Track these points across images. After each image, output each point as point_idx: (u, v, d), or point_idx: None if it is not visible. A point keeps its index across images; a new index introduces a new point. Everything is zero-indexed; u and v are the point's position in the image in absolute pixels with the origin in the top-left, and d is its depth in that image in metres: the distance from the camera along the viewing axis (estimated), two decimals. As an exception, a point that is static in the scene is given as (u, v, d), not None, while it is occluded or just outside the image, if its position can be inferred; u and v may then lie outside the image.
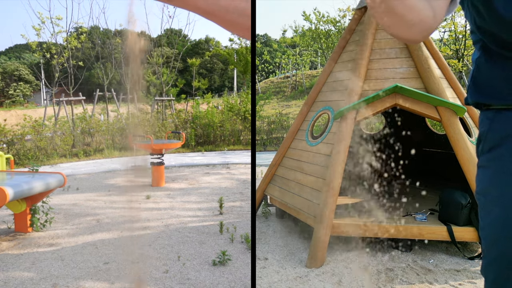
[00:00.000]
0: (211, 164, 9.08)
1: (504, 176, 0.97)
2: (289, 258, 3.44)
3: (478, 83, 1.03)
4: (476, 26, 1.00)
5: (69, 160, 9.70)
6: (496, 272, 0.99)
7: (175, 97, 15.69)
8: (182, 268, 3.30)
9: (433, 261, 3.30)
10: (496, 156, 0.99)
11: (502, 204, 0.96)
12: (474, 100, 1.06)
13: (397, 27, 0.83)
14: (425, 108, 3.46)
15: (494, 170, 0.99)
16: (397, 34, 0.86)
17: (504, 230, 0.96)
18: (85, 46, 13.98)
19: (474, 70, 1.04)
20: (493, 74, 0.99)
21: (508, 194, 0.95)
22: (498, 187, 0.98)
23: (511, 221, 0.95)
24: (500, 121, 0.99)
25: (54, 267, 3.35)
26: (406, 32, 0.85)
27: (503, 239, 0.96)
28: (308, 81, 25.53)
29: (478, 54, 1.03)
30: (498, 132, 0.99)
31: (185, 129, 12.18)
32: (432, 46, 3.81)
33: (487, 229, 1.01)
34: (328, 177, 3.42)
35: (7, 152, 9.26)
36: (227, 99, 14.36)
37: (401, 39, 0.89)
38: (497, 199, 0.98)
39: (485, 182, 1.01)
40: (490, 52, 0.99)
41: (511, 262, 0.95)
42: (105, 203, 5.59)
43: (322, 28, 19.09)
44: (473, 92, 1.05)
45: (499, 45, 0.96)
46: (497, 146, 0.99)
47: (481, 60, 1.01)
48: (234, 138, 12.43)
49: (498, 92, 0.99)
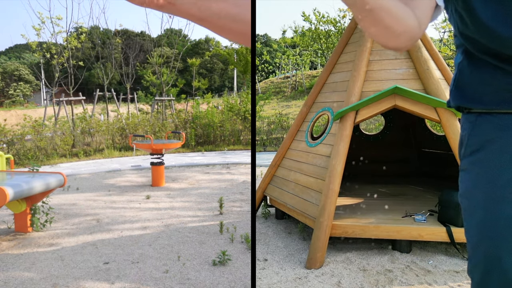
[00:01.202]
0: (211, 164, 9.09)
1: (486, 179, 0.99)
2: (289, 259, 3.44)
3: (460, 87, 1.05)
4: (459, 32, 1.02)
5: (69, 160, 9.70)
6: (481, 274, 1.01)
7: (175, 97, 15.69)
8: (182, 268, 3.31)
9: (433, 262, 3.31)
10: (478, 159, 1.01)
11: (485, 207, 0.98)
12: (456, 104, 1.08)
13: (384, 37, 0.85)
14: (425, 109, 3.47)
15: (477, 173, 1.01)
16: (385, 43, 0.88)
17: (487, 232, 0.98)
18: (85, 46, 13.99)
19: (457, 74, 1.06)
20: (475, 79, 1.01)
21: (490, 197, 0.98)
22: (481, 190, 1.00)
23: (494, 224, 0.97)
24: (482, 125, 1.01)
25: (54, 267, 3.36)
26: (393, 41, 0.87)
27: (487, 241, 0.98)
28: (308, 82, 25.54)
29: (461, 58, 1.05)
30: (479, 136, 1.01)
31: (185, 129, 12.19)
32: (431, 47, 3.82)
33: (472, 231, 1.03)
34: (327, 178, 3.43)
35: (7, 152, 9.27)
36: (227, 99, 14.37)
37: (388, 47, 0.91)
38: (480, 202, 1.00)
39: (469, 185, 1.04)
40: (472, 57, 1.01)
41: (495, 263, 0.97)
42: (105, 203, 5.60)
43: (322, 28, 19.10)
44: (455, 96, 1.07)
45: (480, 51, 0.98)
46: (479, 150, 1.01)
47: (464, 64, 1.03)
48: (234, 138, 12.44)
49: (479, 97, 1.00)
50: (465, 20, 0.97)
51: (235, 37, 0.74)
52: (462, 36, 1.01)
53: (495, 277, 0.98)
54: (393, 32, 0.83)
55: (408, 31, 0.85)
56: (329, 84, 4.22)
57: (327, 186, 3.38)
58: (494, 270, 0.98)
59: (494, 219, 0.97)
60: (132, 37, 25.34)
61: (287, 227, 4.27)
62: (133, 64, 16.46)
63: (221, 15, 0.68)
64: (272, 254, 3.54)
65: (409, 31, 0.85)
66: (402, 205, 3.99)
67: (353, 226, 3.39)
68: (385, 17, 0.78)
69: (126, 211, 5.14)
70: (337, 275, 3.09)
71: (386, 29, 0.81)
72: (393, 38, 0.85)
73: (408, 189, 4.86)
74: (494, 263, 0.97)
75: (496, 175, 0.97)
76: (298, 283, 2.99)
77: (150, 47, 17.10)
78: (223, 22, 0.69)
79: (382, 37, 0.85)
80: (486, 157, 0.99)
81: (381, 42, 0.88)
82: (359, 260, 3.35)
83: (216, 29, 0.71)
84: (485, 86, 0.99)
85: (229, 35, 0.73)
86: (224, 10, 0.68)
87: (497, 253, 0.97)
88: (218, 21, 0.69)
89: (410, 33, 0.86)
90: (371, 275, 3.09)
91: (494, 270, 0.98)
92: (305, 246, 3.69)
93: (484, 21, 0.92)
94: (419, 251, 3.51)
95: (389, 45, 0.89)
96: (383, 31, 0.82)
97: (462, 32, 1.00)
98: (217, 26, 0.70)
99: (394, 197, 4.40)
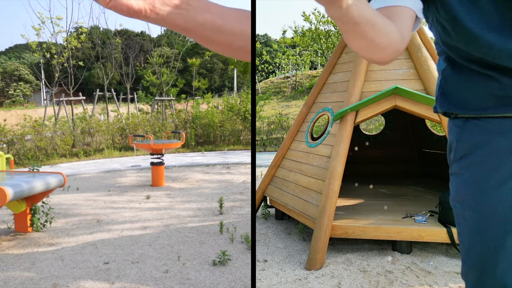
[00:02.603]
0: (211, 164, 9.09)
1: (476, 182, 1.01)
2: (289, 260, 3.44)
3: (445, 93, 1.07)
4: (441, 40, 1.04)
5: (69, 160, 9.70)
6: (475, 277, 1.03)
7: (175, 97, 15.68)
8: (182, 268, 3.31)
9: (433, 263, 3.31)
10: (467, 163, 1.03)
11: (477, 211, 1.01)
12: (443, 110, 1.10)
13: (368, 51, 0.86)
14: (425, 110, 3.46)
15: (467, 177, 1.03)
16: (369, 56, 0.89)
17: (480, 236, 1.00)
18: (85, 46, 13.98)
19: (441, 81, 1.08)
20: (459, 86, 1.03)
21: (482, 201, 0.99)
22: (472, 194, 1.02)
23: (486, 227, 0.98)
24: (469, 130, 1.03)
25: (54, 267, 3.36)
26: (377, 54, 0.88)
27: (480, 244, 1.00)
28: (308, 82, 25.54)
29: (444, 65, 1.07)
30: (467, 141, 1.03)
31: (185, 129, 12.19)
32: (431, 47, 3.81)
33: (464, 235, 1.05)
34: (327, 178, 3.43)
35: (7, 152, 9.27)
36: (227, 99, 14.36)
37: (372, 61, 0.92)
38: (472, 206, 1.02)
39: (460, 189, 1.05)
40: (456, 64, 1.03)
41: (488, 267, 0.99)
42: (105, 203, 5.59)
43: (322, 28, 19.10)
44: (442, 103, 1.09)
45: (463, 59, 1.00)
46: (467, 155, 1.03)
47: (448, 72, 1.05)
48: (234, 138, 12.44)
49: (465, 103, 1.03)
50: (447, 30, 0.99)
51: (220, 48, 0.76)
52: (445, 45, 1.03)
53: (489, 279, 0.99)
54: (378, 46, 0.83)
55: (391, 44, 0.86)
56: (329, 84, 4.22)
57: (327, 186, 3.38)
58: (488, 272, 0.99)
59: (486, 221, 0.99)
60: (132, 37, 25.35)
61: (287, 227, 4.27)
62: (133, 64, 16.46)
63: (206, 26, 0.69)
64: (272, 255, 3.54)
65: (392, 44, 0.86)
66: (402, 206, 3.98)
67: (353, 227, 3.39)
68: (370, 31, 0.78)
69: (126, 211, 5.14)
70: (337, 276, 3.09)
71: (370, 43, 0.82)
72: (377, 52, 0.86)
73: (408, 189, 4.85)
74: (487, 265, 0.99)
75: (485, 178, 0.99)
76: (298, 284, 2.98)
77: (150, 47, 17.09)
78: (208, 33, 0.71)
79: (367, 51, 0.86)
80: (475, 161, 1.02)
81: (365, 56, 0.89)
82: (359, 261, 3.35)
83: (202, 40, 0.73)
84: (470, 92, 1.01)
85: (215, 46, 0.75)
86: (209, 21, 0.69)
87: (490, 255, 0.98)
88: (203, 32, 0.70)
89: (394, 46, 0.87)
90: (371, 276, 3.09)
91: (488, 272, 0.99)
92: (305, 247, 3.69)
93: (470, 30, 0.94)
94: (419, 252, 3.51)
95: (373, 58, 0.89)
96: (367, 45, 0.83)
97: (444, 41, 1.02)
98: (202, 36, 0.71)
99: (394, 198, 4.40)
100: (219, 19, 0.70)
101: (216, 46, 0.75)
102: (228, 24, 0.71)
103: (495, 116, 0.99)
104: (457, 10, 0.94)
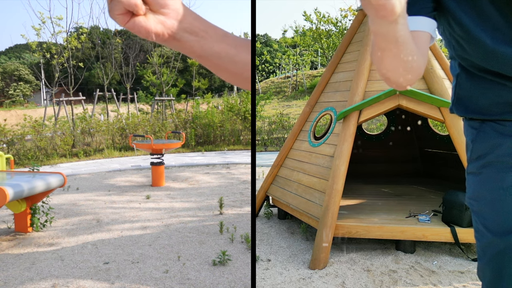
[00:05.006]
0: (211, 164, 9.06)
1: (493, 182, 1.03)
2: (292, 259, 3.41)
3: (460, 98, 1.09)
4: (455, 53, 1.06)
5: (69, 160, 9.67)
6: (491, 274, 1.04)
7: (175, 97, 15.64)
8: (182, 268, 3.28)
9: (437, 263, 3.28)
10: (484, 164, 1.05)
11: (494, 208, 1.02)
12: (459, 114, 1.13)
13: (397, 72, 0.85)
14: (428, 109, 3.43)
15: (484, 176, 1.06)
16: (395, 78, 0.87)
17: (497, 232, 1.01)
18: (85, 46, 13.94)
19: (456, 86, 1.10)
20: (475, 92, 1.05)
21: (499, 199, 1.01)
22: (489, 192, 1.04)
23: (503, 224, 1.01)
24: (485, 131, 1.05)
25: (54, 267, 3.33)
26: (404, 76, 0.86)
27: (497, 241, 1.02)
28: (308, 81, 25.50)
29: (458, 70, 1.08)
30: (483, 142, 1.05)
31: (185, 129, 12.16)
32: (434, 47, 3.79)
33: (481, 232, 1.06)
34: (331, 178, 3.40)
35: (7, 152, 9.24)
36: (227, 99, 14.32)
37: (395, 83, 0.90)
38: (489, 204, 1.03)
39: (477, 188, 1.08)
40: (469, 71, 1.05)
41: (504, 263, 1.00)
42: (105, 203, 5.56)
43: (323, 28, 19.09)
44: (458, 107, 1.11)
45: (478, 69, 1.02)
46: (484, 155, 1.05)
47: (462, 77, 1.07)
48: (234, 138, 12.41)
49: (479, 108, 1.05)
50: (462, 45, 1.00)
51: (230, 77, 0.77)
52: (459, 58, 1.05)
53: (506, 276, 1.00)
54: (409, 68, 0.83)
55: (421, 69, 0.87)
56: (332, 84, 4.19)
57: (331, 186, 3.35)
58: (505, 269, 1.00)
59: (503, 218, 1.00)
60: (132, 37, 25.30)
61: (290, 227, 4.24)
62: (133, 64, 16.42)
63: (221, 55, 0.71)
64: (275, 255, 3.51)
65: (421, 69, 0.87)
66: (405, 205, 3.95)
67: (356, 227, 3.36)
68: (406, 52, 0.77)
69: (126, 211, 5.10)
70: (341, 276, 3.06)
71: (404, 64, 0.81)
72: (405, 73, 0.85)
73: (412, 189, 4.82)
74: (504, 262, 1.00)
75: (502, 177, 1.01)
76: (302, 283, 2.95)
77: (150, 47, 17.05)
78: (221, 62, 0.72)
79: (395, 72, 0.85)
80: (491, 161, 1.03)
81: (392, 77, 0.87)
82: (363, 261, 3.32)
83: (213, 67, 0.74)
84: (485, 99, 1.03)
85: (225, 75, 0.76)
86: (224, 51, 0.70)
87: (507, 252, 1.00)
88: (218, 61, 0.71)
89: (419, 70, 0.87)
90: (375, 275, 3.06)
91: (504, 270, 1.00)
92: (308, 247, 3.66)
93: (487, 46, 0.95)
94: (423, 252, 3.48)
95: (398, 80, 0.88)
96: (399, 66, 0.81)
97: (459, 54, 1.04)
98: (214, 64, 0.73)
99: (397, 197, 4.37)
100: (233, 49, 0.71)
101: (226, 75, 0.76)
102: (241, 54, 0.72)
103: (511, 120, 1.01)
104: (472, 28, 0.96)
